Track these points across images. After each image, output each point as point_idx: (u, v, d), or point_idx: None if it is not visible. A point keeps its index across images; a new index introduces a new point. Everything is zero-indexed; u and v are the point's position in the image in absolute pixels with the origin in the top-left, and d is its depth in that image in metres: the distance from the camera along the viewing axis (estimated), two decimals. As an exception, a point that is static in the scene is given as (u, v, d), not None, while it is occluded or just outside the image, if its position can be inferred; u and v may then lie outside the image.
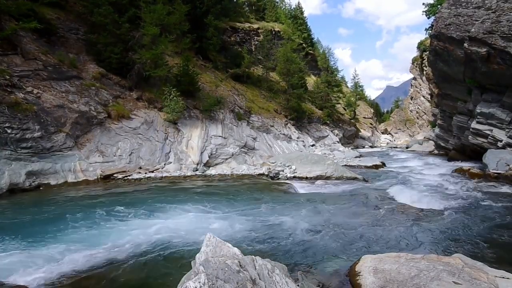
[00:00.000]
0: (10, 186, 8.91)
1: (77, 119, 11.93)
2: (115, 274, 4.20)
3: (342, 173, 12.35)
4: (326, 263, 4.52)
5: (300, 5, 52.75)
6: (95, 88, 13.77)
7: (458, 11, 14.26)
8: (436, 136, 23.47)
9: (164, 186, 10.59)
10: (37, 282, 3.91)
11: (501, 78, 13.18)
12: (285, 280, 2.67)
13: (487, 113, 14.03)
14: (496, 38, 12.14)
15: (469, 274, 3.18)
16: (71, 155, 11.09)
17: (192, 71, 18.22)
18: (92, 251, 4.83)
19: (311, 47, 50.25)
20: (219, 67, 25.58)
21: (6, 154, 9.28)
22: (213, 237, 3.22)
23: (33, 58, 12.04)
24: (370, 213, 7.17)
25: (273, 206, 7.75)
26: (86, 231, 5.76)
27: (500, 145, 13.56)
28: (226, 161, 15.33)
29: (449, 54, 15.39)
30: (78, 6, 16.71)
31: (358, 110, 47.61)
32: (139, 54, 15.67)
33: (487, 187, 10.01)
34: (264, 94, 27.42)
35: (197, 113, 17.18)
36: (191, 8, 21.28)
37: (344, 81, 59.16)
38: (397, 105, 71.80)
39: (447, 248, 5.03)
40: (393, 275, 3.31)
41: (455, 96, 17.98)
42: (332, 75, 41.42)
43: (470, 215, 6.89)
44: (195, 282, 2.22)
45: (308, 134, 27.44)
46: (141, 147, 13.29)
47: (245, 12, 41.18)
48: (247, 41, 35.59)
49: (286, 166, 14.00)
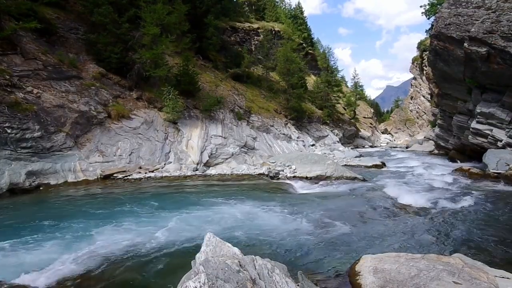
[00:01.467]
0: (10, 186, 8.90)
1: (77, 119, 11.93)
2: (115, 274, 4.20)
3: (342, 173, 12.35)
4: (326, 263, 4.52)
5: (300, 5, 52.76)
6: (95, 88, 13.76)
7: (458, 11, 14.25)
8: (436, 136, 23.48)
9: (164, 186, 10.59)
10: (37, 282, 3.91)
11: (501, 78, 13.18)
12: (285, 280, 2.68)
13: (487, 112, 14.03)
14: (496, 38, 12.14)
15: (469, 274, 3.18)
16: (71, 155, 11.09)
17: (192, 71, 18.21)
18: (92, 250, 4.83)
19: (311, 47, 50.23)
20: (219, 67, 25.57)
21: (6, 154, 9.28)
22: (213, 236, 3.23)
23: (33, 58, 12.03)
24: (370, 213, 7.18)
25: (273, 206, 7.74)
26: (86, 230, 5.76)
27: (500, 145, 13.56)
28: (226, 161, 15.33)
29: (449, 53, 15.38)
30: (78, 6, 16.70)
31: (358, 110, 47.59)
32: (139, 54, 15.67)
33: (487, 186, 10.01)
34: (264, 94, 27.41)
35: (197, 113, 17.18)
36: (191, 8, 21.27)
37: (344, 81, 59.14)
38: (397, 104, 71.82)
39: (447, 248, 5.03)
40: (393, 275, 3.31)
41: (455, 96, 17.98)
42: (332, 75, 41.38)
43: (470, 214, 6.90)
44: (195, 281, 2.22)
45: (308, 134, 27.43)
46: (141, 147, 13.29)
47: (245, 12, 41.15)
48: (247, 41, 35.56)
49: (286, 166, 14.00)
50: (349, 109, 43.61)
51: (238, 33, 35.02)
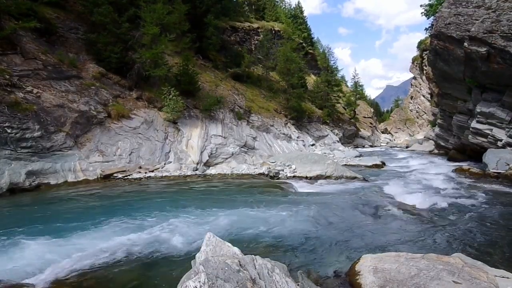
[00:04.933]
0: (10, 186, 8.89)
1: (77, 119, 11.93)
2: (115, 273, 4.20)
3: (342, 173, 12.35)
4: (326, 263, 4.52)
5: (300, 5, 52.77)
6: (95, 88, 13.75)
7: (458, 11, 14.24)
8: (436, 135, 23.49)
9: (164, 185, 10.59)
10: (37, 281, 3.90)
11: (501, 78, 13.18)
12: (285, 279, 2.68)
13: (487, 112, 14.03)
14: (496, 37, 12.14)
15: (469, 274, 3.18)
16: (71, 154, 11.08)
17: (192, 71, 18.20)
18: (91, 250, 4.82)
19: (311, 47, 50.24)
20: (219, 67, 25.56)
21: (6, 154, 9.27)
22: (213, 236, 3.22)
23: (33, 58, 12.02)
24: (370, 213, 7.18)
25: (273, 205, 7.74)
26: (86, 230, 5.75)
27: (500, 144, 13.57)
28: (226, 160, 15.33)
29: (449, 53, 15.38)
30: (78, 6, 16.68)
31: (358, 109, 47.58)
32: (139, 53, 15.66)
33: (487, 186, 10.01)
34: (264, 93, 27.41)
35: (197, 113, 17.17)
36: (191, 8, 21.26)
37: (344, 81, 59.13)
38: (397, 104, 71.87)
39: (447, 248, 5.03)
40: (393, 275, 3.31)
41: (455, 96, 17.98)
42: (332, 75, 41.36)
43: (470, 214, 6.90)
44: (195, 281, 2.22)
45: (308, 133, 27.43)
46: (141, 146, 13.28)
47: (245, 11, 41.12)
48: (247, 40, 35.55)
49: (286, 166, 14.01)
50: (349, 109, 43.60)
51: (238, 33, 35.00)
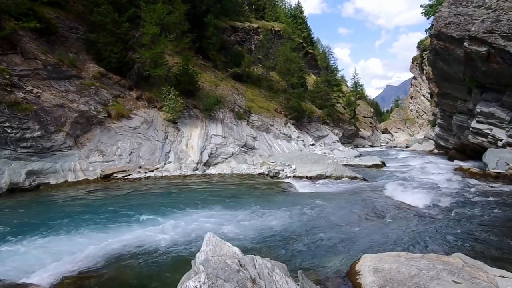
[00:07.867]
0: (10, 186, 8.90)
1: (77, 119, 11.92)
2: (115, 273, 4.20)
3: (342, 173, 12.35)
4: (326, 262, 4.52)
5: (300, 5, 52.74)
6: (94, 88, 13.75)
7: (458, 10, 14.24)
8: (436, 135, 23.49)
9: (164, 185, 10.59)
10: (37, 281, 3.91)
11: (501, 77, 13.18)
12: (285, 279, 2.67)
13: (487, 112, 14.03)
14: (496, 37, 12.13)
15: (469, 273, 3.18)
16: (71, 154, 11.08)
17: (192, 71, 18.20)
18: (92, 250, 4.83)
19: (311, 47, 50.19)
20: (219, 67, 25.55)
21: (6, 154, 9.28)
22: (213, 236, 3.22)
23: (32, 58, 12.02)
24: (370, 212, 7.17)
25: (273, 205, 7.74)
26: (86, 230, 5.75)
27: (500, 144, 13.57)
28: (226, 160, 15.33)
29: (449, 53, 15.38)
30: (78, 6, 16.70)
31: (358, 109, 47.59)
32: (139, 53, 15.66)
33: (487, 186, 10.01)
34: (264, 93, 27.40)
35: (197, 113, 17.17)
36: (190, 8, 21.24)
37: (344, 81, 59.11)
38: (397, 104, 71.87)
39: (447, 247, 5.03)
40: (393, 274, 3.31)
41: (455, 95, 17.98)
42: (332, 74, 41.38)
43: (470, 214, 6.90)
44: (195, 281, 2.22)
45: (308, 133, 27.43)
46: (141, 146, 13.28)
47: (245, 11, 41.08)
48: (247, 40, 35.51)
49: (286, 166, 14.00)
50: (349, 109, 43.60)
51: (238, 33, 34.97)
